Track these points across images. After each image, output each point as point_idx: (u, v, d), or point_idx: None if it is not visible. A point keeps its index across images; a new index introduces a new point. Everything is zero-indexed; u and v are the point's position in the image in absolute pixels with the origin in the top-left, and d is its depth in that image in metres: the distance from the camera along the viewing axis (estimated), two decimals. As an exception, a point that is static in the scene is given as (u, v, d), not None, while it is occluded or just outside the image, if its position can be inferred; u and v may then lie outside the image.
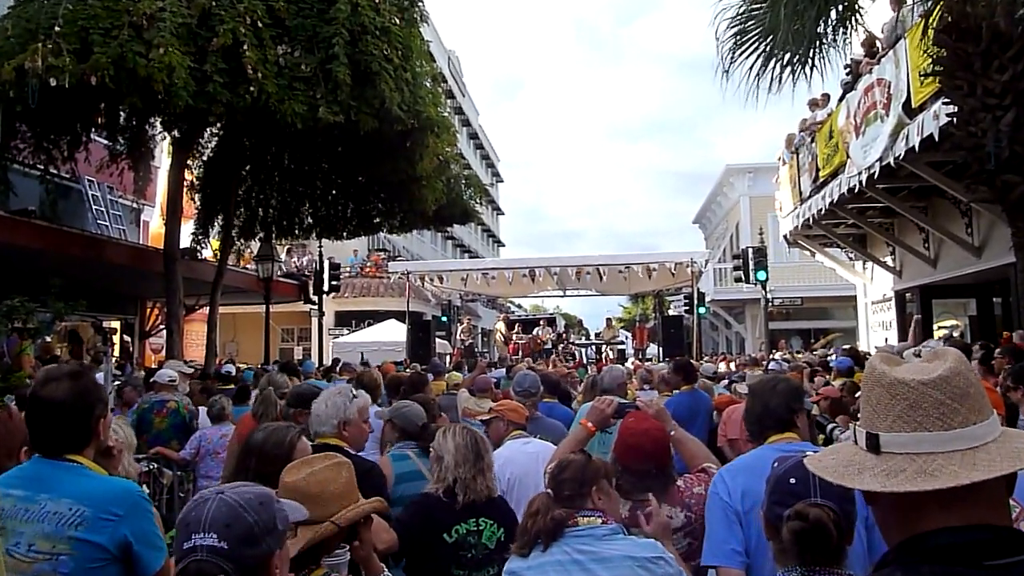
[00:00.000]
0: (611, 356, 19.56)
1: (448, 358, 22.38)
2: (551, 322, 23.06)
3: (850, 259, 13.76)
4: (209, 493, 1.32)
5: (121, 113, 9.73)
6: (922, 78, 6.94)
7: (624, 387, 4.91)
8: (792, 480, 1.64)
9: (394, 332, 18.74)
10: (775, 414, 2.22)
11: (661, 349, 17.87)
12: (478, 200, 14.01)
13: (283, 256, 16.49)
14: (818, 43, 5.30)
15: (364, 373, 5.64)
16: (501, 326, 19.30)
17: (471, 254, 42.43)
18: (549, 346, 20.08)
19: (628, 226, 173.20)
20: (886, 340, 11.74)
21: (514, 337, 19.79)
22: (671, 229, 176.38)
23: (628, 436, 2.50)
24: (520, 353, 19.50)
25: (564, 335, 21.44)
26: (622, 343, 20.27)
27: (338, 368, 9.22)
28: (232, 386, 7.16)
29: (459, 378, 7.45)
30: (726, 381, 8.05)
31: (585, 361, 19.41)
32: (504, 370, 10.45)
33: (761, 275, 14.42)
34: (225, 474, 3.77)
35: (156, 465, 5.47)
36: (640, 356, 19.18)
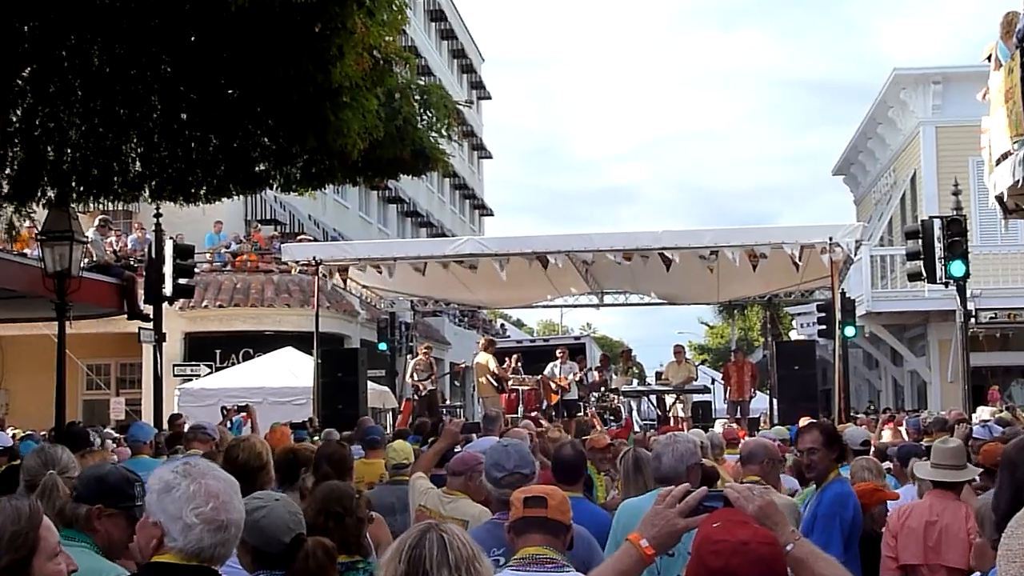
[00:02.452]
0: (684, 415, 20.01)
1: (391, 416, 22.63)
2: (576, 352, 23.32)
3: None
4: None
5: None
6: None
7: (697, 471, 4.98)
8: None
9: (292, 370, 19.10)
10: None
11: (776, 401, 18.31)
12: (444, 132, 14.10)
13: (91, 233, 16.46)
14: None
15: (236, 444, 5.66)
16: (486, 359, 19.41)
17: (433, 230, 43.22)
18: (573, 394, 20.51)
19: (714, 180, 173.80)
20: None
21: (510, 378, 20.07)
22: (794, 186, 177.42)
23: (711, 554, 2.50)
24: (522, 407, 19.93)
25: (601, 374, 21.56)
26: (704, 390, 20.42)
27: (185, 434, 9.34)
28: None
29: (410, 453, 7.53)
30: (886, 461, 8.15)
31: (638, 422, 19.46)
32: (496, 439, 10.73)
33: (958, 269, 14.46)
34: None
35: None
36: (739, 413, 19.49)
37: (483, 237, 22.72)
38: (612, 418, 20.01)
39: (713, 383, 21.03)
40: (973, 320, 18.76)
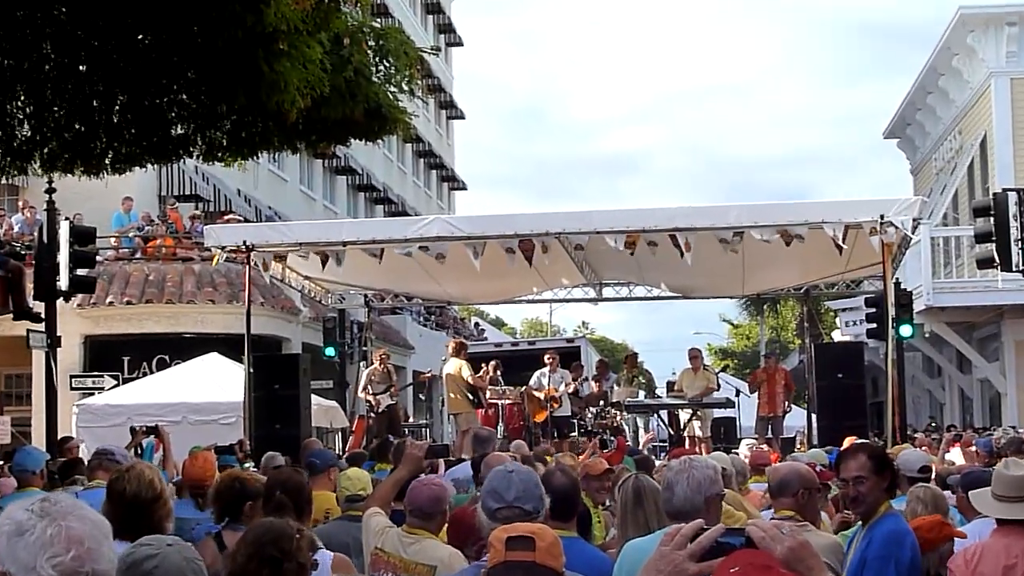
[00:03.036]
0: (703, 434, 20.12)
1: (341, 437, 22.52)
2: (569, 358, 23.34)
3: None
4: None
5: None
6: None
7: (718, 505, 5.02)
8: None
9: (217, 382, 19.14)
10: None
11: (815, 417, 18.43)
12: (406, 86, 14.03)
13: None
14: None
15: (120, 475, 5.57)
16: (458, 367, 19.40)
17: (391, 207, 43.36)
18: (566, 410, 20.51)
19: (738, 146, 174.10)
20: None
21: (487, 390, 20.14)
22: (837, 152, 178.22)
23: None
24: (503, 425, 20.08)
25: (600, 385, 21.62)
26: (727, 403, 20.48)
27: (89, 461, 9.31)
28: None
29: (367, 482, 7.59)
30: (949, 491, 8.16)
31: (644, 442, 19.50)
32: (469, 464, 10.61)
33: (1040, 253, 14.60)
34: None
35: None
36: (769, 432, 19.58)
37: (454, 216, 22.74)
38: (614, 439, 20.06)
39: (738, 395, 21.11)
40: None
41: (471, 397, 19.32)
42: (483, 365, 20.71)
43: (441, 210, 50.19)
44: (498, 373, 20.85)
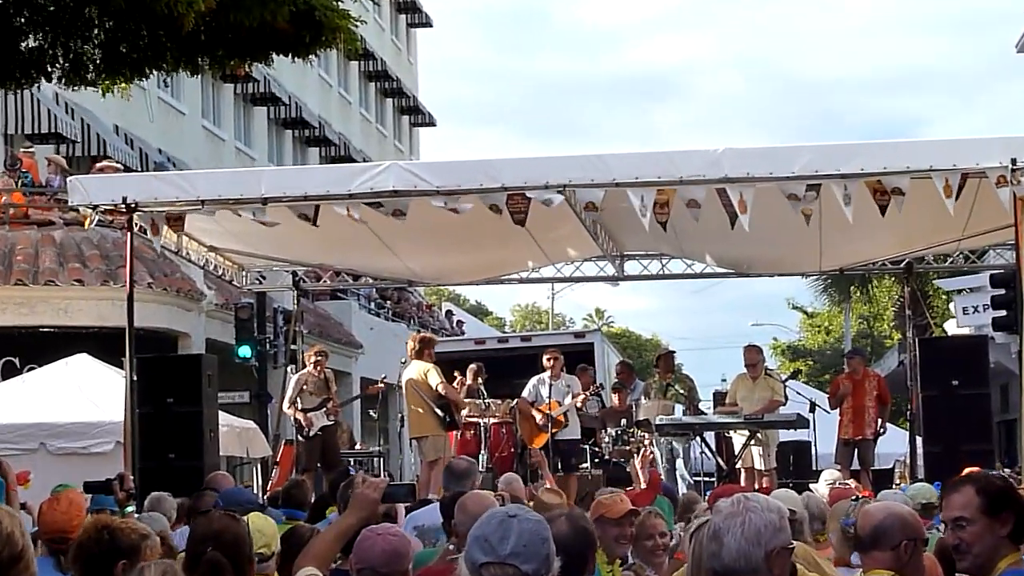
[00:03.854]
0: (764, 465, 20.11)
1: (260, 471, 22.25)
2: (577, 358, 23.44)
3: None
4: None
5: None
6: None
7: (784, 562, 5.04)
8: None
9: (88, 394, 19.01)
10: None
11: (921, 440, 18.42)
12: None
13: None
14: None
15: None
16: (423, 372, 19.35)
17: (331, 151, 43.53)
18: (573, 431, 20.51)
19: (811, 65, 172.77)
20: None
21: (465, 405, 20.18)
22: (951, 72, 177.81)
23: None
24: (486, 453, 20.17)
25: (621, 397, 21.70)
26: (798, 422, 20.47)
27: None
28: None
29: (273, 535, 7.58)
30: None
31: (685, 477, 19.48)
32: (437, 507, 10.58)
33: None
34: None
35: None
36: (856, 460, 19.63)
37: (418, 163, 22.69)
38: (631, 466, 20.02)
39: (813, 410, 21.04)
40: None
41: (441, 415, 19.20)
42: (456, 373, 20.73)
43: (400, 154, 50.23)
44: (480, 381, 20.80)
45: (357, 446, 26.31)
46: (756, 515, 5.07)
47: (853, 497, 9.56)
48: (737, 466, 20.00)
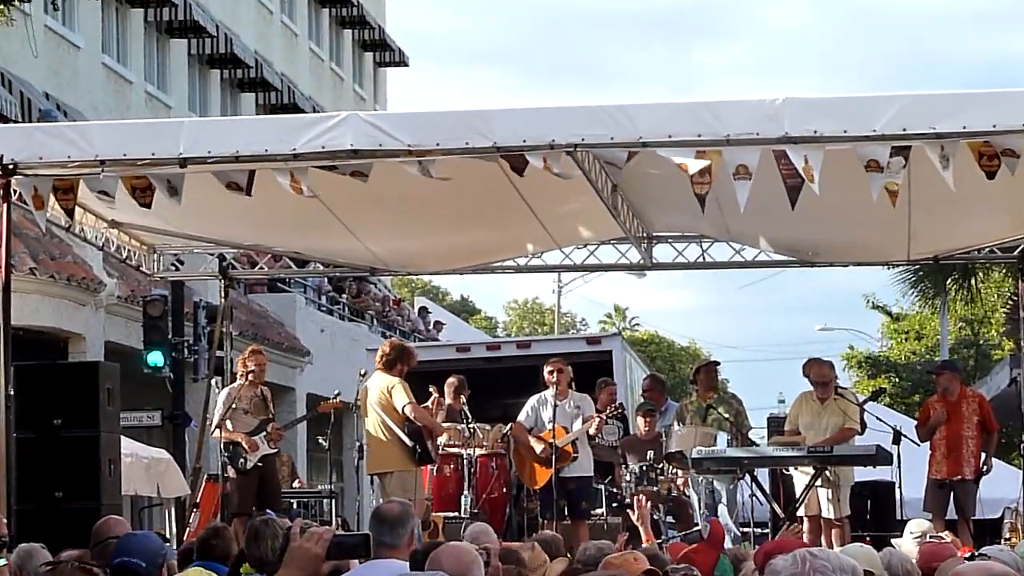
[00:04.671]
0: (835, 511, 20.11)
1: (173, 514, 22.12)
2: (591, 371, 23.66)
3: None
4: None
5: None
6: None
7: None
8: None
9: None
10: None
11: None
12: None
13: None
14: None
15: None
16: (386, 388, 19.36)
17: (273, 97, 43.19)
18: (584, 466, 20.66)
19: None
20: None
21: (442, 430, 20.28)
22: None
23: None
24: (470, 494, 20.30)
25: (649, 422, 21.78)
26: (879, 456, 20.48)
27: None
28: None
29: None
30: None
31: (730, 526, 19.57)
32: (402, 566, 10.73)
33: None
34: None
35: None
36: (953, 505, 19.78)
37: (384, 113, 22.61)
38: (671, 519, 20.07)
39: (898, 442, 21.08)
40: None
41: (410, 444, 19.26)
42: (433, 389, 20.76)
43: (362, 103, 50.33)
44: (462, 400, 20.86)
45: (302, 483, 26.38)
46: (825, 573, 5.07)
47: (966, 555, 9.57)
48: (799, 513, 19.97)
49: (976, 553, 10.69)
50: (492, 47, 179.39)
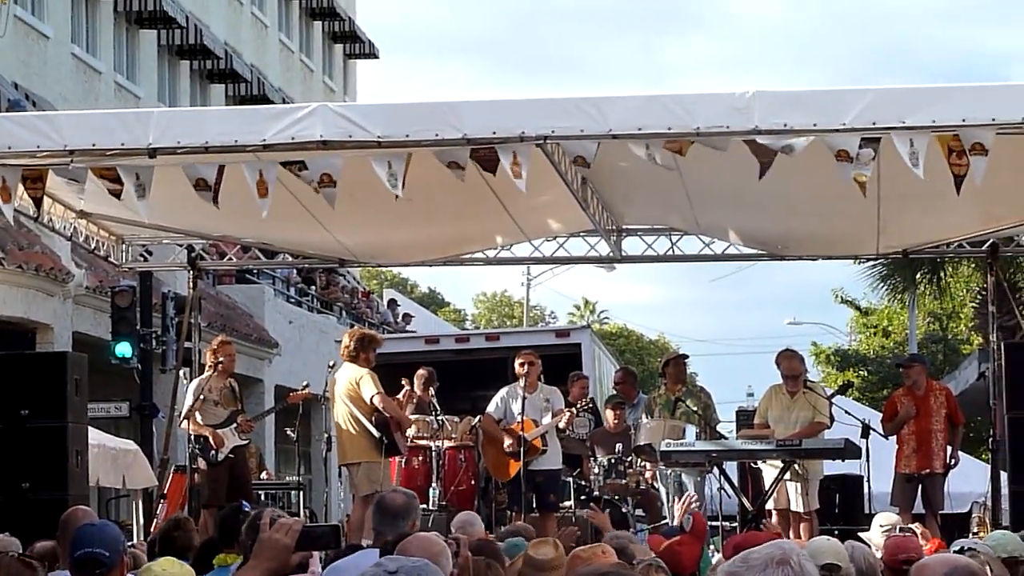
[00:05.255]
0: (803, 505, 20.14)
1: (140, 505, 22.09)
2: (560, 364, 23.62)
3: None
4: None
5: None
6: None
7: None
8: None
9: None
10: None
11: (1009, 473, 18.62)
12: None
13: None
14: None
15: None
16: (354, 380, 19.34)
17: (241, 87, 43.11)
18: (553, 459, 20.61)
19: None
20: None
21: (411, 422, 20.30)
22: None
23: None
24: (438, 487, 20.20)
25: (618, 415, 21.69)
26: (847, 451, 20.51)
27: None
28: None
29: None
30: None
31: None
32: (373, 553, 10.66)
33: None
34: None
35: None
36: (921, 500, 19.84)
37: (354, 104, 22.57)
38: (641, 512, 20.06)
39: (867, 436, 21.09)
40: None
41: (378, 436, 19.22)
42: (404, 381, 20.72)
43: (332, 95, 50.21)
44: (431, 392, 20.83)
45: (270, 474, 26.34)
46: (790, 569, 5.04)
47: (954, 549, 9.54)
48: (767, 507, 19.99)
49: (966, 548, 10.65)
50: (464, 40, 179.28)
